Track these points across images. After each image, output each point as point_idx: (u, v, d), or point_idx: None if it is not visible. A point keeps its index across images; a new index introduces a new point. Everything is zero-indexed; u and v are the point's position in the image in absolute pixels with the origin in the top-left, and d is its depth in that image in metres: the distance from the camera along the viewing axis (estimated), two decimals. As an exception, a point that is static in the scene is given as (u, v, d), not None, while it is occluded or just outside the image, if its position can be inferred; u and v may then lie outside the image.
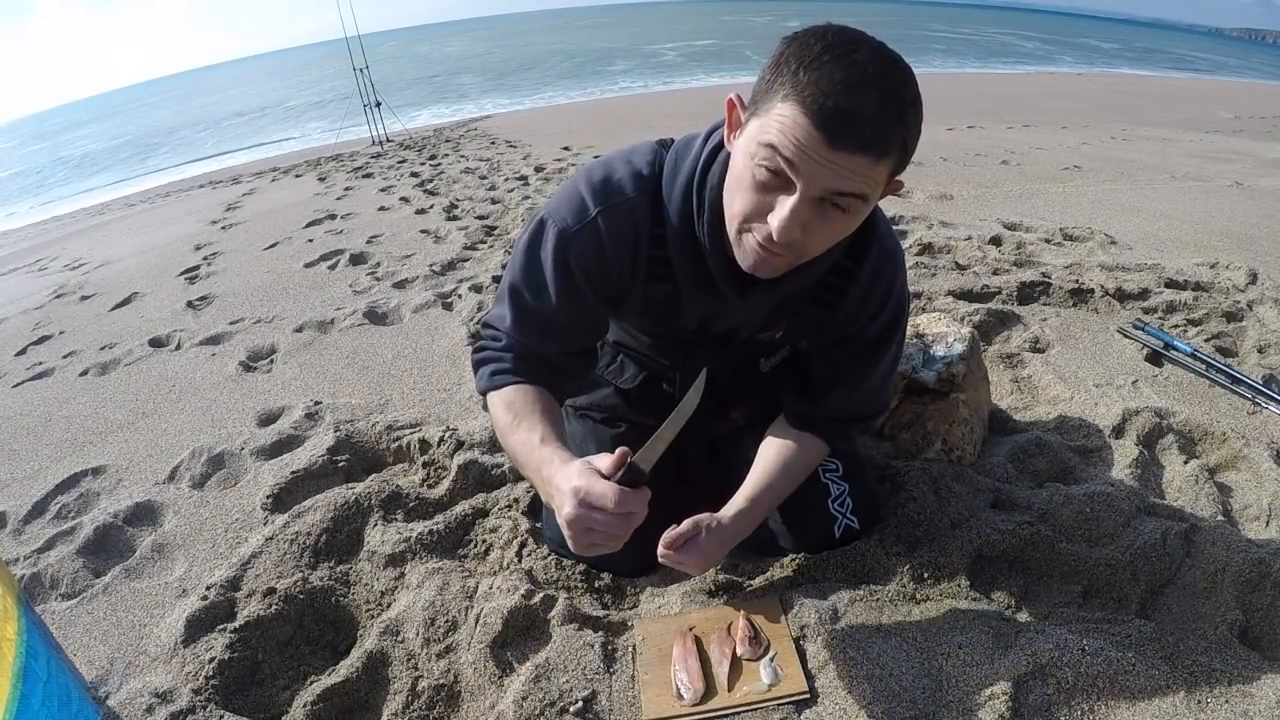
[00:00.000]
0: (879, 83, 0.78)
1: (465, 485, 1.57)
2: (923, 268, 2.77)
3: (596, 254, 1.04)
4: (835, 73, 0.77)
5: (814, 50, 0.79)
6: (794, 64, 0.79)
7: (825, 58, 0.78)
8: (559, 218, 1.04)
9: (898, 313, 1.13)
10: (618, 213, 1.03)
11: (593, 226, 1.02)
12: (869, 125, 0.78)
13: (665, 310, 1.14)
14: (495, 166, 5.83)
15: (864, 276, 1.07)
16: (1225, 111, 9.69)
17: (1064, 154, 5.45)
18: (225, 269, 3.70)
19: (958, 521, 1.30)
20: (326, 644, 1.26)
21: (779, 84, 0.80)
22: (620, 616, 1.21)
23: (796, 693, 1.01)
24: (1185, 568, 1.20)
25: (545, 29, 61.85)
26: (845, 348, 1.15)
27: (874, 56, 0.79)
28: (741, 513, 1.13)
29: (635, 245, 1.05)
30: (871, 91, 0.77)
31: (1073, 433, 1.69)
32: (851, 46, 0.79)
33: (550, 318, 1.07)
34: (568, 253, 1.03)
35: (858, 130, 0.78)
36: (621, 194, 1.03)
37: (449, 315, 2.67)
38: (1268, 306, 2.28)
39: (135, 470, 1.85)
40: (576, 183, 1.06)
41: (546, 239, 1.04)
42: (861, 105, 0.77)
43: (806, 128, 0.78)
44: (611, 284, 1.08)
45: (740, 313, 1.12)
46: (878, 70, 0.78)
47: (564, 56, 27.14)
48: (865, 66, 0.78)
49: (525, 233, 1.08)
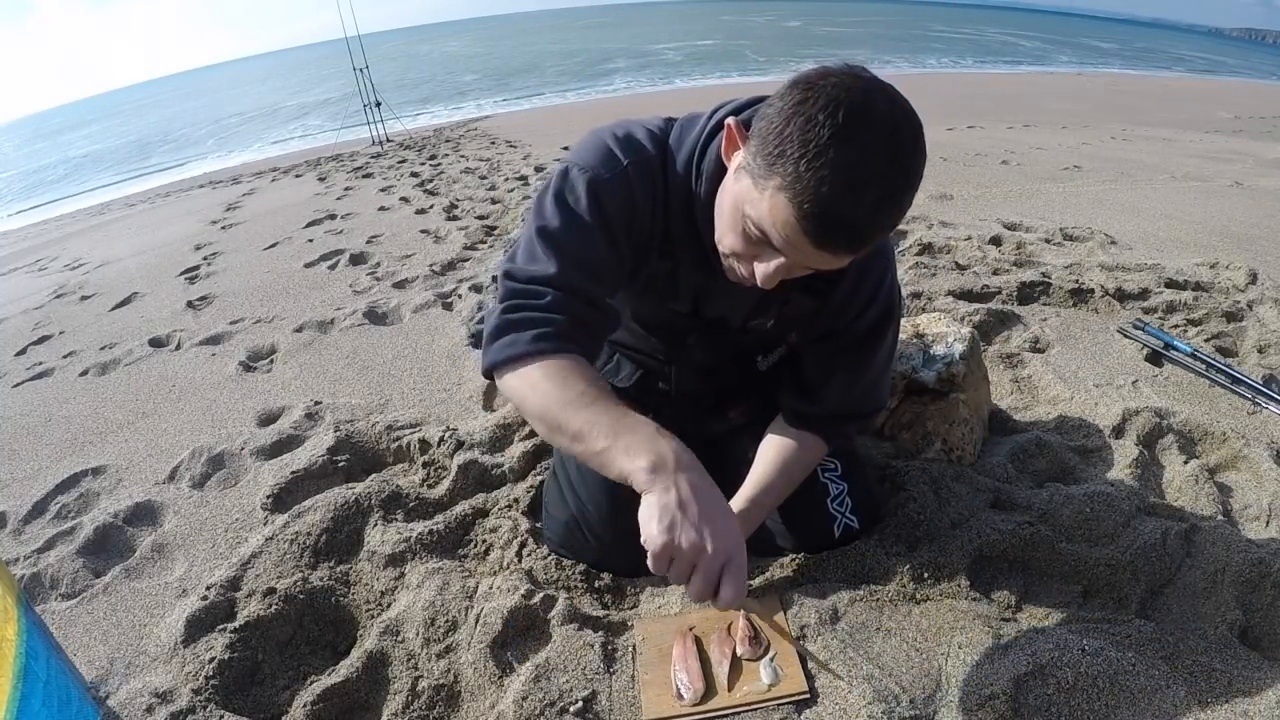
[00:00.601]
0: (879, 184, 0.76)
1: (465, 485, 1.57)
2: (923, 268, 2.77)
3: (629, 203, 1.01)
4: (836, 175, 0.74)
5: (821, 137, 0.74)
6: (797, 150, 0.75)
7: (830, 151, 0.74)
8: (587, 165, 1.00)
9: (888, 307, 1.13)
10: (645, 168, 1.02)
11: (624, 177, 1.00)
12: (861, 231, 0.78)
13: (663, 288, 1.14)
14: (495, 166, 5.83)
15: (854, 267, 1.07)
16: (1225, 111, 9.69)
17: (1064, 154, 5.45)
18: (225, 269, 3.70)
19: (958, 521, 1.30)
20: (326, 644, 1.26)
21: (779, 165, 0.77)
22: (620, 616, 1.21)
23: (796, 693, 1.01)
24: (1185, 568, 1.20)
25: (545, 29, 61.86)
26: (836, 341, 1.15)
27: (883, 143, 0.75)
28: (740, 514, 1.13)
29: (656, 204, 1.04)
30: (869, 194, 0.75)
31: (1073, 433, 1.69)
32: (860, 124, 0.74)
33: (595, 258, 1.00)
34: (600, 197, 0.99)
35: (846, 237, 0.79)
36: (646, 151, 1.03)
37: (449, 315, 2.67)
38: (1268, 306, 2.28)
39: (135, 470, 1.85)
40: (600, 135, 1.05)
41: (577, 186, 1.00)
42: (854, 216, 0.76)
43: (796, 228, 0.79)
44: (636, 237, 1.04)
45: (732, 294, 1.11)
46: (884, 164, 0.75)
47: (564, 56, 27.14)
48: (870, 161, 0.75)
49: (549, 185, 1.03)
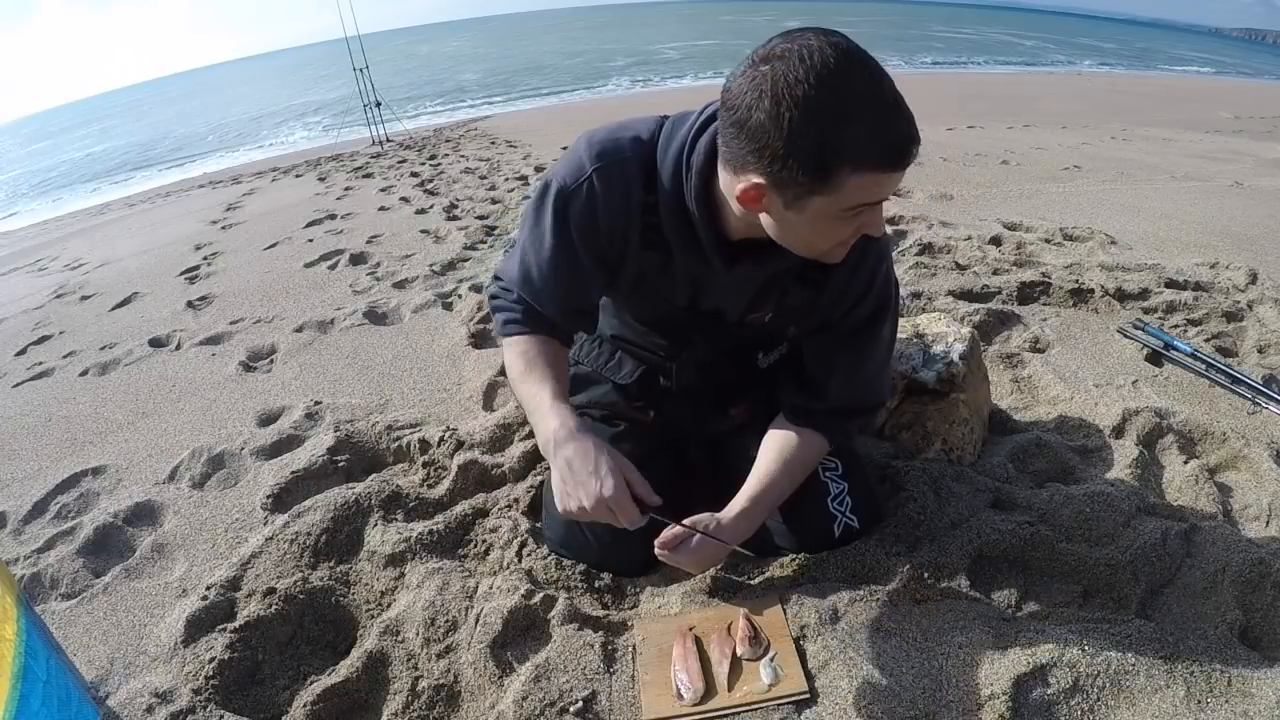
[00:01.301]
0: (895, 92, 0.82)
1: (465, 485, 1.57)
2: (923, 268, 2.77)
3: (590, 211, 1.07)
4: (882, 115, 0.81)
5: (856, 101, 0.80)
6: (838, 123, 0.80)
7: (867, 108, 0.80)
8: (560, 178, 1.09)
9: (883, 299, 1.14)
10: (611, 170, 1.06)
11: (588, 184, 1.06)
12: (916, 136, 0.84)
13: (658, 282, 1.16)
14: (495, 166, 5.83)
15: (850, 259, 1.07)
16: (1225, 111, 9.68)
17: (1064, 154, 5.45)
18: (225, 269, 3.70)
19: (958, 521, 1.30)
20: (326, 644, 1.26)
21: (836, 151, 0.81)
22: (620, 616, 1.21)
23: (796, 693, 1.01)
24: (1185, 568, 1.20)
25: (545, 29, 61.85)
26: (832, 333, 1.16)
27: (875, 71, 0.82)
28: (742, 513, 1.13)
29: (627, 204, 1.07)
30: (902, 107, 0.82)
31: (1073, 433, 1.69)
32: (867, 73, 0.81)
33: (550, 275, 1.12)
34: (567, 211, 1.08)
35: (914, 147, 0.84)
36: (618, 154, 1.06)
37: (449, 315, 2.67)
38: (1268, 306, 2.28)
39: (135, 470, 1.85)
40: (578, 145, 1.10)
41: (549, 199, 1.09)
42: (909, 131, 0.82)
43: (888, 175, 0.84)
44: (604, 243, 1.11)
45: (729, 286, 1.13)
46: (889, 83, 0.82)
47: (564, 56, 27.13)
48: (886, 86, 0.81)
49: (534, 193, 1.14)
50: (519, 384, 1.14)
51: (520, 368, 1.14)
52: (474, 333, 2.44)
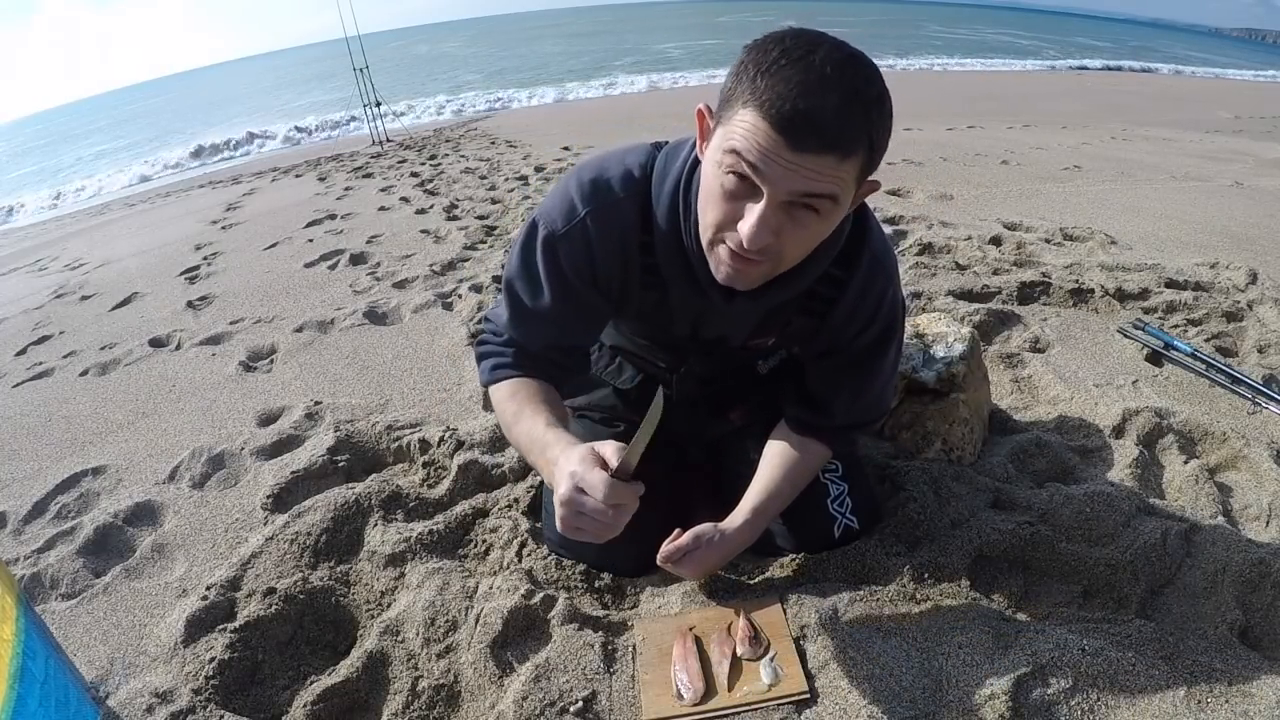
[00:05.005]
0: (839, 82, 0.77)
1: (465, 485, 1.57)
2: (923, 268, 2.77)
3: (585, 255, 1.05)
4: (793, 75, 0.77)
5: (771, 55, 0.79)
6: (752, 71, 0.80)
7: (782, 62, 0.78)
8: (548, 219, 1.05)
9: (889, 324, 1.12)
10: (606, 214, 1.03)
11: (581, 227, 1.03)
12: (831, 125, 0.77)
13: (657, 316, 1.15)
14: (495, 166, 5.83)
15: (853, 287, 1.06)
16: (1225, 111, 9.69)
17: (1064, 154, 5.45)
18: (225, 269, 3.70)
19: (958, 521, 1.30)
20: (326, 644, 1.26)
21: (739, 91, 0.81)
22: (620, 616, 1.21)
23: (796, 693, 1.01)
24: (1185, 568, 1.20)
25: (545, 29, 61.84)
26: (837, 358, 1.14)
27: (832, 57, 0.78)
28: (745, 524, 1.14)
29: (623, 247, 1.05)
30: (831, 92, 0.77)
31: (1073, 433, 1.69)
32: (809, 49, 0.79)
33: (544, 316, 1.09)
34: (557, 254, 1.05)
35: (819, 131, 0.77)
36: (610, 195, 1.03)
37: (449, 315, 2.67)
38: (1268, 306, 2.28)
39: (135, 470, 1.85)
40: (568, 182, 1.07)
41: (537, 240, 1.06)
42: (821, 106, 0.76)
43: (767, 132, 0.78)
44: (603, 282, 1.08)
45: (728, 319, 1.11)
46: (837, 70, 0.78)
47: (565, 56, 27.11)
48: (823, 67, 0.77)
49: (521, 232, 1.10)
50: (512, 427, 1.09)
51: (511, 410, 1.09)
52: (474, 333, 2.44)
